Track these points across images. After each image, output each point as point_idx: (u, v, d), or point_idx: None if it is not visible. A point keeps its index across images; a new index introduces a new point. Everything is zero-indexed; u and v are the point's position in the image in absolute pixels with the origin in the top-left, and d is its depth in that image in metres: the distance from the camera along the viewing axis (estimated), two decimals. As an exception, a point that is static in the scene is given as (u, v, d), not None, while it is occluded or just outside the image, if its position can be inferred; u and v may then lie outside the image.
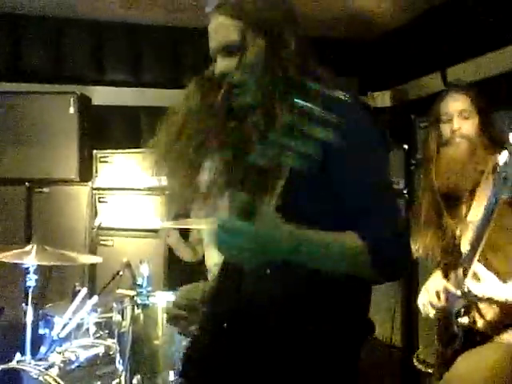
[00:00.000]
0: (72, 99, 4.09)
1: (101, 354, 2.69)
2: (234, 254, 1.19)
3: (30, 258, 2.82)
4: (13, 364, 2.54)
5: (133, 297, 2.51)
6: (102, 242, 4.00)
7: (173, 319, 1.41)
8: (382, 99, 4.36)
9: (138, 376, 2.39)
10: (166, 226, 3.34)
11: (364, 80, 4.50)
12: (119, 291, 2.95)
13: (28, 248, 2.88)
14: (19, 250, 2.95)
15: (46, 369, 2.46)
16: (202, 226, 2.97)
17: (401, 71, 4.50)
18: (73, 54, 4.60)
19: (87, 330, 2.85)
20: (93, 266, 3.90)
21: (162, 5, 4.24)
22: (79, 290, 3.05)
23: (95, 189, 4.09)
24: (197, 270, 3.55)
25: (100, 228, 3.97)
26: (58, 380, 2.40)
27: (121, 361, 2.57)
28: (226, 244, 1.18)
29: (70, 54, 4.60)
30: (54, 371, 2.48)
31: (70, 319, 2.82)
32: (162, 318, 2.50)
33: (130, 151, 4.07)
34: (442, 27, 3.95)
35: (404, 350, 3.45)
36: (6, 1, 4.18)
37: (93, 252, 3.89)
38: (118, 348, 2.62)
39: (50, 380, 2.39)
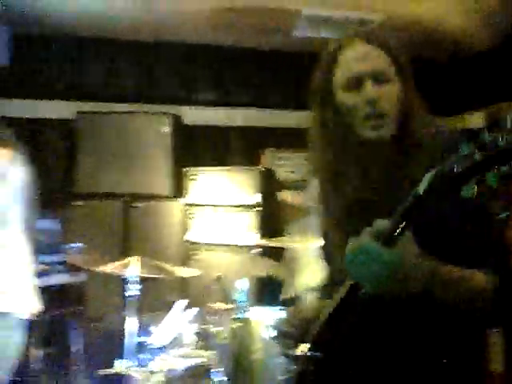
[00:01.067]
0: (166, 119, 4.30)
1: (199, 365, 2.80)
2: (369, 280, 1.19)
3: (131, 269, 2.99)
4: (118, 368, 2.68)
5: (231, 310, 2.61)
6: (192, 257, 4.15)
7: (280, 336, 1.43)
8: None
9: (238, 387, 2.48)
10: (261, 244, 3.44)
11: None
12: (216, 304, 3.08)
13: (129, 260, 3.05)
14: (120, 262, 3.13)
15: (151, 373, 2.59)
16: (299, 244, 3.06)
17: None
18: (165, 75, 4.84)
19: (186, 340, 2.97)
20: (184, 279, 4.05)
21: (250, 27, 4.41)
22: (175, 302, 3.19)
23: (186, 205, 4.25)
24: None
25: (191, 243, 4.14)
26: (162, 386, 2.52)
27: (219, 373, 2.68)
28: (363, 268, 1.18)
29: (162, 75, 4.84)
30: (157, 378, 2.61)
31: (169, 329, 2.96)
32: (259, 332, 2.59)
33: (218, 169, 4.24)
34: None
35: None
36: (102, 27, 4.46)
37: (184, 266, 4.04)
38: (217, 360, 2.72)
39: (155, 386, 2.52)
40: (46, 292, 3.07)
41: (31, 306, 2.39)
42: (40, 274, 3.12)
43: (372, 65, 1.39)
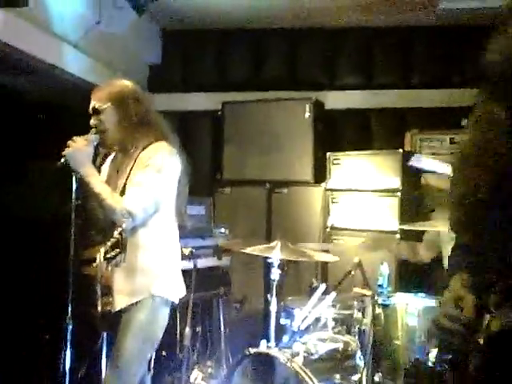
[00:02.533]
0: (308, 105, 4.32)
1: (340, 349, 2.80)
2: None
3: (276, 253, 3.06)
4: (264, 349, 2.77)
5: (373, 296, 2.57)
6: (334, 241, 4.15)
7: (442, 331, 1.29)
8: None
9: (380, 374, 2.44)
10: (404, 228, 3.36)
11: None
12: (356, 289, 3.05)
13: (273, 244, 3.13)
14: (265, 246, 3.21)
15: (293, 356, 2.64)
16: (440, 228, 2.93)
17: None
18: (307, 61, 4.85)
19: (325, 324, 2.98)
20: (325, 264, 4.07)
21: (393, 6, 4.27)
22: (316, 286, 3.21)
23: (328, 190, 4.25)
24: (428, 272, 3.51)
25: (332, 228, 4.13)
26: (304, 368, 2.56)
27: (361, 357, 2.66)
28: None
29: (304, 62, 4.86)
30: (299, 359, 2.65)
31: (310, 312, 2.99)
32: (402, 318, 2.53)
33: (361, 153, 4.17)
34: None
35: None
36: (247, 17, 4.58)
37: (325, 251, 4.05)
38: (359, 344, 2.71)
39: (297, 367, 2.56)
40: (195, 274, 3.26)
41: (180, 290, 2.53)
42: (189, 257, 3.32)
43: None
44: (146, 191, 2.31)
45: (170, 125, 2.56)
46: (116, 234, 2.13)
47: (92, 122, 2.45)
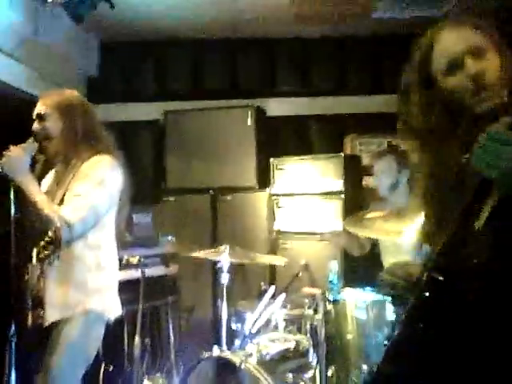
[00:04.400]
0: (249, 112, 4.38)
1: (292, 348, 2.84)
2: (501, 170, 1.22)
3: (225, 256, 3.08)
4: (217, 352, 2.77)
5: (324, 293, 2.62)
6: (281, 246, 4.20)
7: (387, 287, 1.43)
8: None
9: (333, 368, 2.49)
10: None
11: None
12: (305, 289, 3.10)
13: (222, 248, 3.15)
14: (213, 250, 3.23)
15: (246, 358, 2.65)
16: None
17: None
18: (247, 70, 4.92)
19: (277, 325, 3.02)
20: (273, 267, 4.11)
21: (329, 17, 4.38)
22: (266, 289, 3.25)
23: (273, 195, 4.31)
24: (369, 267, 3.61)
25: (279, 232, 4.19)
26: (258, 368, 2.58)
27: (314, 354, 2.70)
28: (494, 156, 1.21)
29: (244, 70, 4.92)
30: (253, 360, 2.67)
31: (261, 315, 3.02)
32: (352, 313, 2.59)
33: (303, 158, 4.26)
34: None
35: None
36: (187, 28, 4.60)
37: (273, 254, 4.10)
38: (311, 341, 2.75)
39: (251, 367, 2.58)
40: (144, 283, 3.22)
41: (116, 307, 2.47)
42: (137, 266, 3.28)
43: (468, 43, 1.45)
44: (85, 202, 2.24)
45: (112, 136, 2.54)
46: (50, 233, 2.08)
47: (35, 126, 2.39)
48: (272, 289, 3.14)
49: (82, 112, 2.43)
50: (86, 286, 2.32)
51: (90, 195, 2.26)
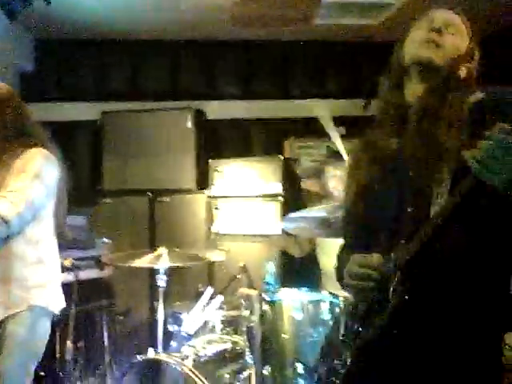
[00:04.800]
0: (189, 114, 4.36)
1: (228, 349, 2.83)
2: (505, 175, 1.20)
3: (164, 261, 3.03)
4: (152, 355, 2.73)
5: (260, 294, 2.64)
6: (218, 248, 4.19)
7: (357, 279, 1.42)
8: None
9: (268, 367, 2.50)
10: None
11: None
12: (242, 290, 3.11)
13: (160, 251, 3.10)
14: (151, 255, 3.16)
15: (182, 359, 2.63)
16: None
17: None
18: (187, 72, 4.90)
19: (214, 327, 3.01)
20: (211, 269, 4.10)
21: (270, 21, 4.43)
22: (203, 290, 3.23)
23: (211, 197, 4.30)
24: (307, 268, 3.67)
25: (217, 234, 4.18)
26: (194, 370, 2.56)
27: (250, 354, 2.71)
28: (497, 163, 1.19)
29: (184, 72, 4.90)
30: (189, 362, 2.64)
31: (197, 316, 3.00)
32: (289, 313, 2.62)
33: (242, 160, 4.27)
34: None
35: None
36: (125, 29, 4.54)
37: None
38: (248, 342, 2.76)
39: (187, 370, 2.55)
40: (77, 286, 3.15)
41: (60, 300, 2.44)
42: (70, 269, 3.20)
43: (448, 17, 1.53)
44: (21, 197, 2.17)
45: (48, 132, 2.48)
46: None
47: None
48: (209, 290, 3.13)
49: (13, 106, 2.34)
50: (28, 282, 2.26)
51: (26, 190, 2.20)
